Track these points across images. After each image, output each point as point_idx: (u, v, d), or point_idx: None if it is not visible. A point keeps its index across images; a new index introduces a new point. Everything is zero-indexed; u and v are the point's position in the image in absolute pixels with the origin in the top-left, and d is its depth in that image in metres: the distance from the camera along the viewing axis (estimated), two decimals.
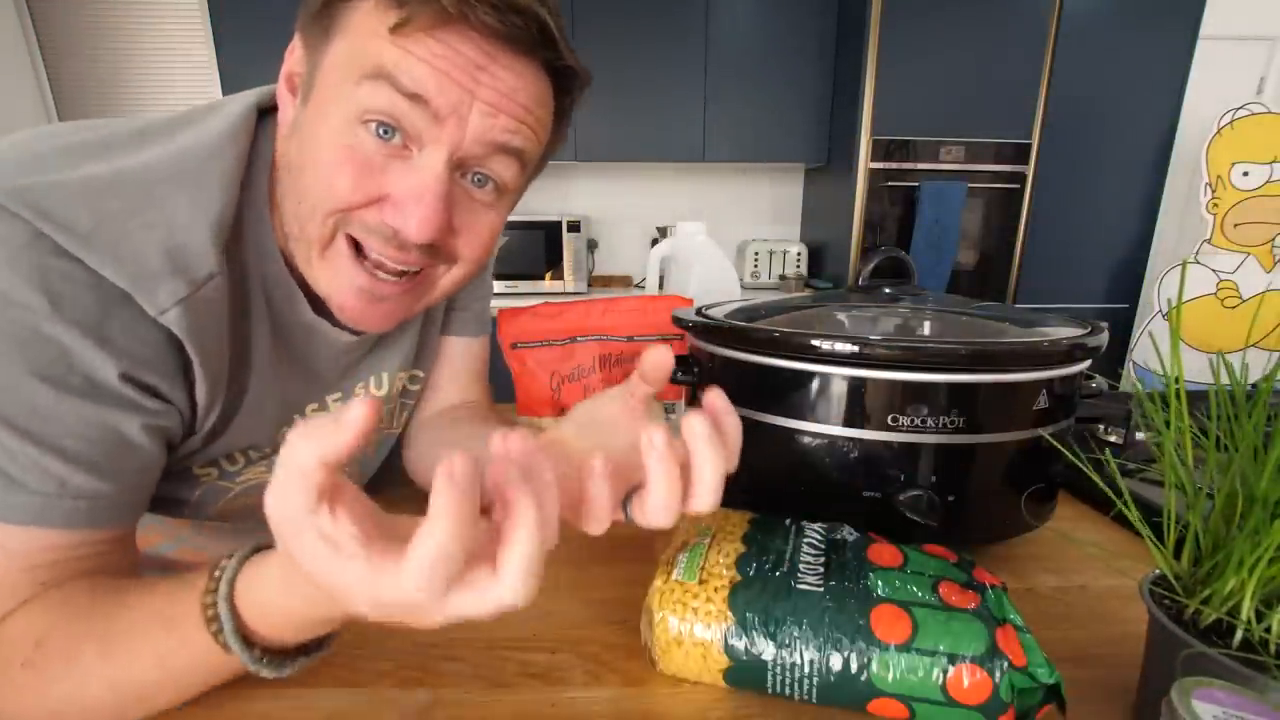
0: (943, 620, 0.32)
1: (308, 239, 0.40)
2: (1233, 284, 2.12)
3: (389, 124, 0.37)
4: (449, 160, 0.38)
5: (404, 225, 0.38)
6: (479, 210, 0.42)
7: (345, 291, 0.42)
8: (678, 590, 0.35)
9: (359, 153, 0.37)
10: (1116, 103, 2.17)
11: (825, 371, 0.44)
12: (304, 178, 0.39)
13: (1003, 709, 0.30)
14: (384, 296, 0.42)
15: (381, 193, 0.38)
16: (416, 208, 0.38)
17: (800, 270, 2.57)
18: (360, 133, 0.37)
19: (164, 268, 0.36)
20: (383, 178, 0.38)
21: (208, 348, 0.39)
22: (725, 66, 2.34)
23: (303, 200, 0.39)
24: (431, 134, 0.37)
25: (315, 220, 0.39)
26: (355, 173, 0.37)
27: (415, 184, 0.38)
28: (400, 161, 0.38)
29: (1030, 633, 0.32)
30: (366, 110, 0.36)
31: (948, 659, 0.30)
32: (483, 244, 0.44)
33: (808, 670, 0.32)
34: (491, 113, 0.38)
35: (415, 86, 0.36)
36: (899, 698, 0.31)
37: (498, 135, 0.39)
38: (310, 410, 0.51)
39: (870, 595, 0.33)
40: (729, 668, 0.34)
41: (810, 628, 0.32)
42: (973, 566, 0.37)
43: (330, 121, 0.37)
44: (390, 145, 0.37)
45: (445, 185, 0.38)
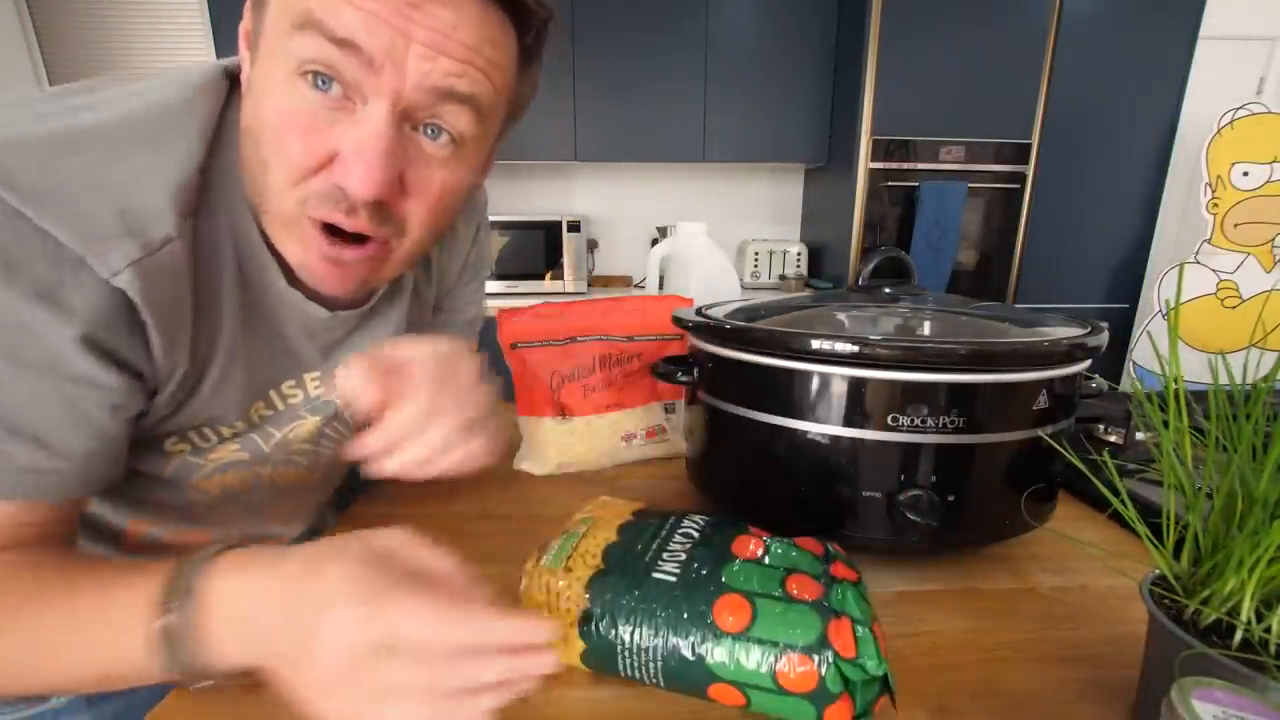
0: (780, 611, 0.33)
1: (277, 214, 0.39)
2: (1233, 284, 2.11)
3: (324, 73, 0.35)
4: (392, 111, 0.36)
5: (348, 182, 0.36)
6: (433, 166, 0.40)
7: (314, 258, 0.40)
8: (544, 575, 0.37)
9: (303, 110, 0.35)
10: (1116, 103, 2.17)
11: (825, 371, 0.44)
12: (261, 146, 0.37)
13: (830, 699, 0.31)
14: (341, 260, 0.41)
15: (330, 150, 0.36)
16: (359, 163, 0.36)
17: (800, 270, 2.57)
18: (300, 87, 0.35)
19: (117, 229, 0.35)
20: (330, 134, 0.36)
21: (164, 312, 0.37)
22: (725, 67, 2.34)
23: (264, 169, 0.38)
24: (370, 84, 0.35)
25: (279, 194, 0.38)
26: (303, 132, 0.36)
27: (358, 138, 0.36)
28: (345, 115, 0.36)
29: (869, 625, 0.32)
30: (301, 62, 0.35)
31: (779, 649, 0.31)
32: (438, 202, 0.41)
33: (653, 655, 0.34)
34: (430, 54, 0.35)
35: (344, 31, 0.34)
36: (734, 684, 0.32)
37: (440, 79, 0.36)
38: (287, 387, 0.49)
39: (720, 585, 0.35)
40: (584, 650, 0.35)
41: (659, 615, 0.34)
42: (834, 561, 0.38)
43: (273, 78, 0.36)
44: (331, 98, 0.35)
45: (389, 138, 0.36)
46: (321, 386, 0.51)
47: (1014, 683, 0.37)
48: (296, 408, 0.50)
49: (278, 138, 0.36)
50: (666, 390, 0.74)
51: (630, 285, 2.71)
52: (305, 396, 0.51)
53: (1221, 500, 0.31)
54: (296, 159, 0.36)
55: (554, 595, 0.36)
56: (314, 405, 0.52)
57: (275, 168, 0.37)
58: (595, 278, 2.65)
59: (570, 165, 2.65)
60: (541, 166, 2.68)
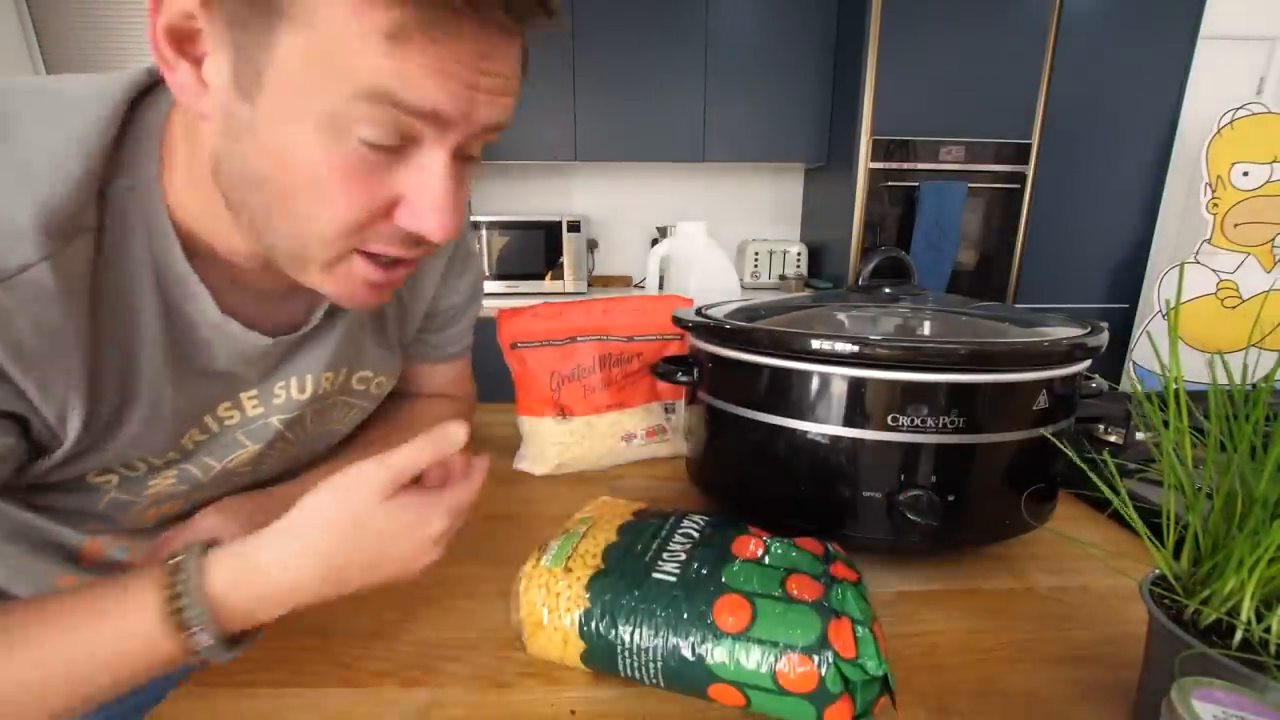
0: (780, 612, 0.33)
1: (310, 259, 0.37)
2: (1233, 284, 2.12)
3: (389, 143, 0.33)
4: (453, 156, 0.35)
5: (425, 230, 0.36)
6: (466, 184, 0.39)
7: (357, 287, 0.39)
8: (544, 575, 0.37)
9: (358, 163, 0.33)
10: (1116, 103, 2.16)
11: (825, 371, 0.44)
12: (297, 200, 0.34)
13: (830, 699, 0.31)
14: (391, 283, 0.41)
15: (392, 197, 0.35)
16: (438, 216, 0.35)
17: (800, 270, 2.57)
18: (350, 143, 0.32)
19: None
20: (389, 181, 0.35)
21: (24, 348, 0.33)
22: (725, 66, 2.34)
23: (305, 224, 0.35)
24: (434, 136, 0.34)
25: (325, 243, 0.36)
26: (365, 184, 0.34)
27: (429, 188, 0.35)
28: (401, 161, 0.34)
29: (869, 626, 0.32)
30: (362, 125, 0.32)
31: (779, 649, 0.31)
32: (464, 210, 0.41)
33: (653, 655, 0.34)
34: (492, 101, 0.35)
35: (427, 105, 0.32)
36: (734, 684, 0.32)
37: (496, 119, 0.36)
38: (223, 409, 0.46)
39: (720, 585, 0.35)
40: (584, 651, 0.35)
41: (659, 615, 0.34)
42: (834, 561, 0.38)
43: (308, 131, 0.32)
44: (390, 151, 0.34)
45: (456, 183, 0.36)
46: (261, 407, 0.49)
47: (1014, 683, 0.37)
48: (233, 429, 0.47)
49: (329, 194, 0.34)
50: (667, 390, 0.74)
51: (630, 285, 2.71)
52: (243, 417, 0.48)
53: (1221, 500, 0.31)
54: (356, 213, 0.35)
55: (554, 595, 0.36)
56: (251, 430, 0.49)
57: (327, 220, 0.35)
58: (595, 278, 2.65)
59: (570, 165, 2.65)
60: (541, 166, 2.68)
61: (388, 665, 0.38)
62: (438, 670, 0.38)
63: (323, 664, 0.38)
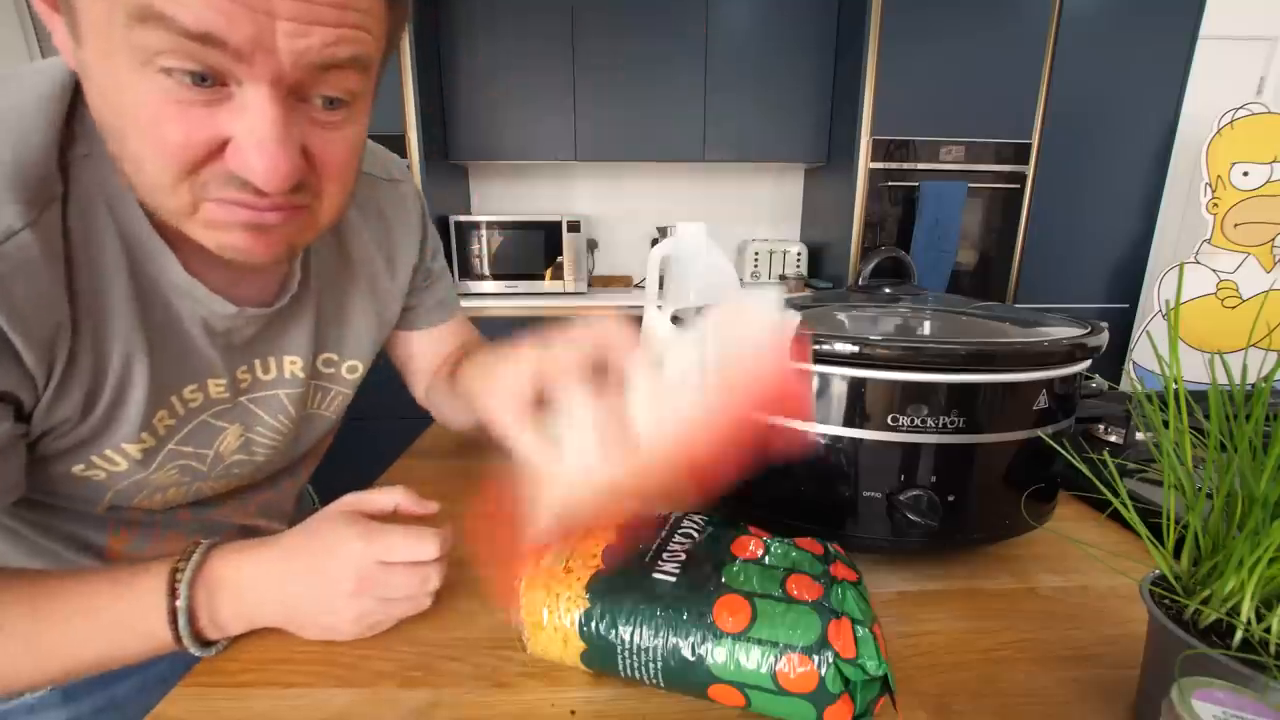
0: (780, 612, 0.33)
1: (169, 210, 0.35)
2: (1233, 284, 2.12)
3: (195, 71, 0.30)
4: (274, 94, 0.32)
5: (252, 175, 0.33)
6: (331, 132, 0.36)
7: (236, 236, 0.36)
8: (545, 576, 0.37)
9: (171, 100, 0.31)
10: (1116, 103, 2.16)
11: (825, 371, 0.44)
12: (127, 140, 0.33)
13: (830, 699, 0.31)
14: (268, 226, 0.37)
15: (218, 137, 0.33)
16: (259, 156, 0.32)
17: (800, 270, 2.57)
18: (163, 81, 0.30)
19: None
20: (214, 121, 0.32)
21: (21, 310, 0.33)
22: (725, 66, 2.34)
23: (140, 168, 0.34)
24: (242, 71, 0.31)
25: (165, 189, 0.34)
26: (179, 121, 0.31)
27: (248, 127, 0.32)
28: (223, 99, 0.32)
29: (869, 626, 0.32)
30: (151, 55, 0.30)
31: (779, 649, 0.31)
32: (347, 163, 0.39)
33: (653, 655, 0.34)
34: (301, 30, 0.31)
35: (198, 25, 0.29)
36: (735, 685, 0.32)
37: (317, 55, 0.32)
38: (189, 392, 0.45)
39: (720, 585, 0.35)
40: (584, 651, 0.35)
41: (659, 615, 0.34)
42: (834, 561, 0.37)
43: (117, 67, 0.30)
44: (209, 90, 0.31)
45: (282, 125, 0.33)
46: (227, 391, 0.48)
47: (1014, 683, 0.37)
48: (197, 411, 0.47)
49: (149, 132, 0.32)
50: None
51: (630, 285, 2.71)
52: (205, 399, 0.47)
53: (1221, 500, 0.31)
54: (179, 153, 0.32)
55: (554, 596, 0.36)
56: (221, 411, 0.49)
57: (154, 164, 0.33)
58: (595, 278, 2.65)
59: (570, 165, 2.65)
60: (541, 166, 2.68)
61: (388, 665, 0.38)
62: (438, 670, 0.38)
63: (323, 664, 0.38)
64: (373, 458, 0.75)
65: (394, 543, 0.40)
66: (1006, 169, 2.18)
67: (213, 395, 0.48)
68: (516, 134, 2.37)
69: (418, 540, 0.41)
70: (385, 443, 0.92)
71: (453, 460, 0.72)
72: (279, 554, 0.41)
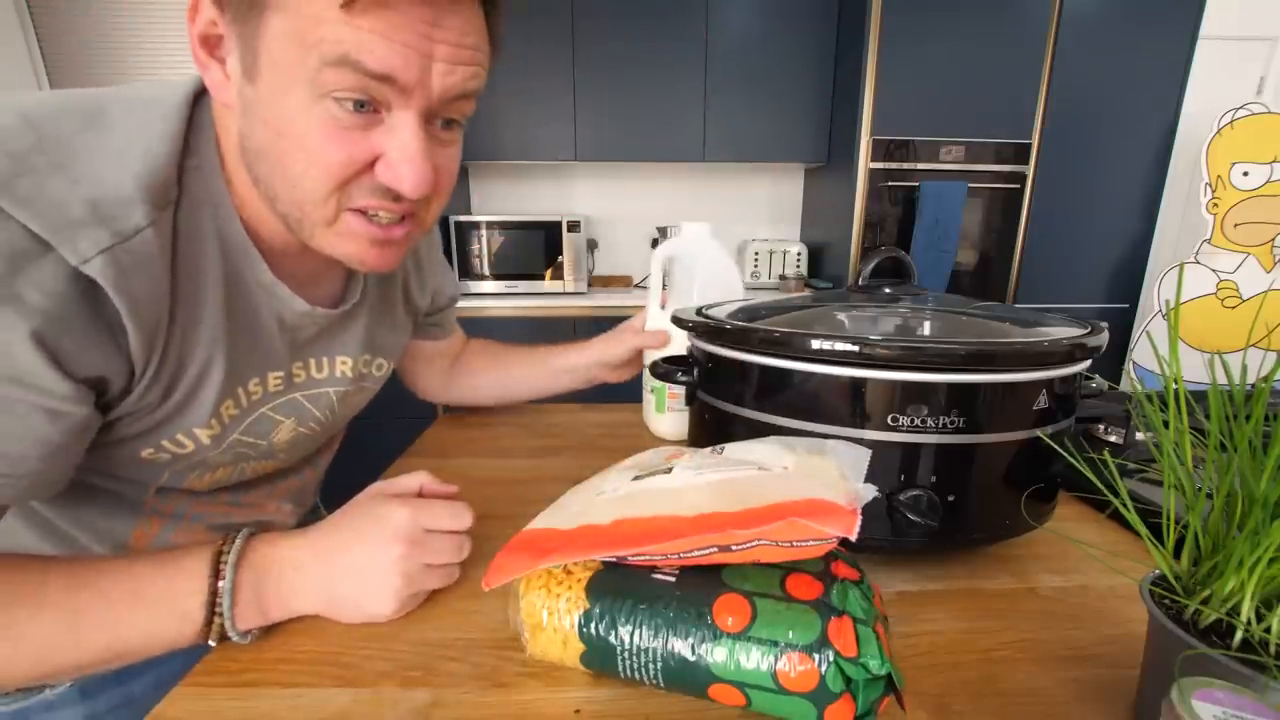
0: (780, 611, 0.33)
1: (311, 221, 0.42)
2: (1233, 284, 2.12)
3: (360, 99, 0.37)
4: (420, 119, 0.40)
5: (399, 185, 0.40)
6: (449, 149, 0.44)
7: (362, 246, 0.43)
8: (544, 577, 0.37)
9: (338, 123, 0.38)
10: (1116, 103, 2.16)
11: (825, 372, 0.44)
12: (290, 162, 0.39)
13: (831, 698, 0.31)
14: (391, 240, 0.44)
15: (370, 155, 0.40)
16: (409, 170, 0.40)
17: (800, 270, 2.57)
18: (330, 107, 0.37)
19: (87, 218, 0.35)
20: (366, 142, 0.39)
21: (138, 300, 0.37)
22: (725, 66, 2.34)
23: (297, 184, 0.40)
24: (399, 100, 0.38)
25: (317, 202, 0.40)
26: (343, 142, 0.38)
27: (400, 145, 0.39)
28: (375, 123, 0.39)
29: (871, 625, 0.32)
30: (333, 90, 0.37)
31: (779, 648, 0.31)
32: (454, 177, 0.46)
33: (653, 656, 0.34)
34: (450, 69, 0.39)
35: (381, 68, 0.36)
36: (735, 684, 0.32)
37: (458, 86, 0.40)
38: (253, 384, 0.50)
39: (719, 585, 0.34)
40: (584, 652, 0.35)
41: (659, 615, 0.34)
42: (835, 559, 0.37)
43: (293, 101, 0.37)
44: (366, 115, 0.38)
45: (425, 142, 0.40)
46: (282, 384, 0.53)
47: (1014, 683, 0.37)
48: (258, 404, 0.51)
49: (316, 153, 0.38)
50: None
51: (630, 285, 2.71)
52: (264, 393, 0.51)
53: (1221, 500, 0.31)
54: (338, 169, 0.39)
55: (554, 597, 0.36)
56: (279, 404, 0.53)
57: (313, 179, 0.39)
58: (595, 278, 2.65)
59: (570, 165, 2.65)
60: (541, 166, 2.68)
61: (388, 665, 0.38)
62: (438, 670, 0.38)
63: (323, 664, 0.38)
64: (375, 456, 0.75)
65: (437, 510, 0.44)
66: (1006, 169, 2.18)
67: (270, 389, 0.52)
68: (517, 134, 2.38)
69: (456, 509, 0.45)
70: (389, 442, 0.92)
71: (453, 460, 0.73)
72: (323, 532, 0.43)
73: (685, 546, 0.33)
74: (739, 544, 0.33)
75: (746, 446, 0.42)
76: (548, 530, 0.38)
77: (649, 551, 0.34)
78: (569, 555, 0.36)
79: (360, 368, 0.60)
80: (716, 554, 0.33)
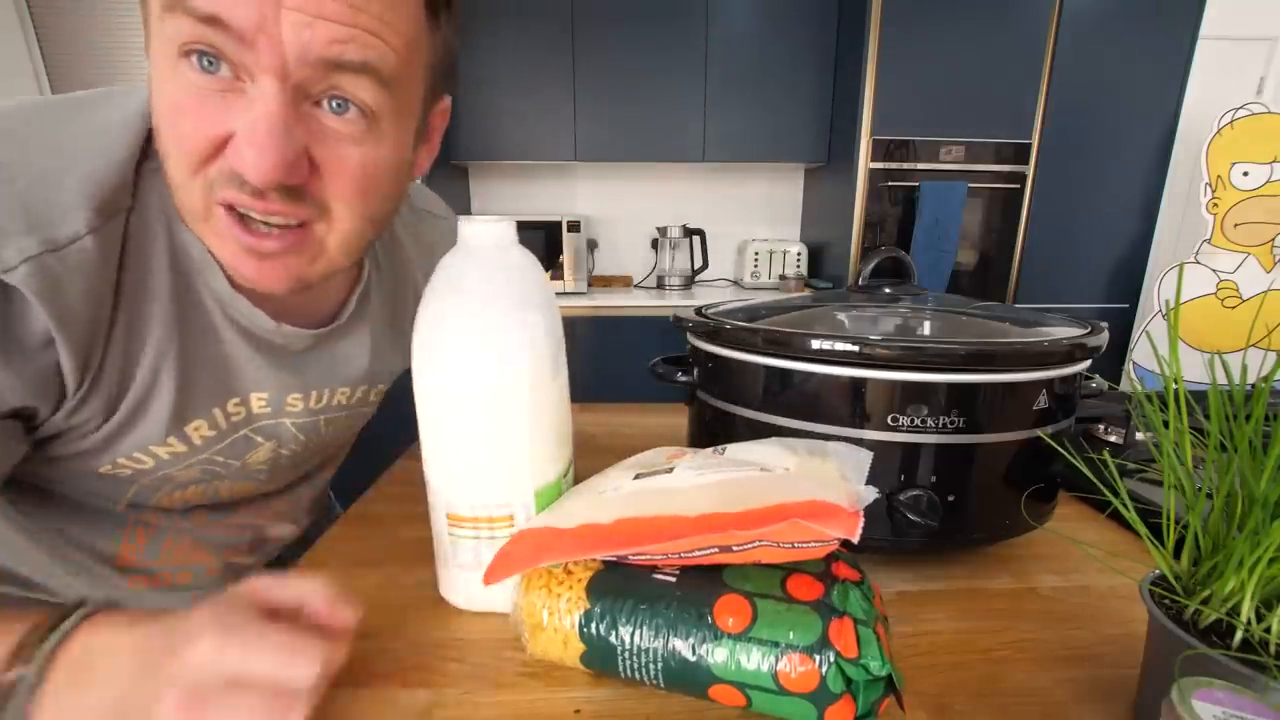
0: (781, 611, 0.33)
1: (187, 211, 0.37)
2: (1233, 284, 2.12)
3: (206, 53, 0.32)
4: (281, 87, 0.33)
5: (242, 165, 0.34)
6: (345, 143, 0.36)
7: (234, 252, 0.38)
8: (544, 577, 0.37)
9: (190, 93, 0.33)
10: (1116, 103, 2.16)
11: (825, 372, 0.44)
12: (161, 137, 0.35)
13: (831, 699, 0.31)
14: (268, 252, 0.38)
15: (224, 132, 0.34)
16: (250, 145, 0.33)
17: (800, 270, 2.57)
18: (185, 70, 0.33)
19: (17, 224, 0.33)
20: (222, 115, 0.34)
21: (70, 311, 0.35)
22: (725, 67, 2.34)
23: (168, 161, 0.36)
24: (250, 59, 0.32)
25: (181, 185, 0.36)
26: (192, 115, 0.33)
27: (249, 117, 0.33)
28: (236, 96, 0.33)
29: (872, 626, 0.32)
30: (178, 44, 0.32)
31: (780, 649, 0.31)
32: (358, 181, 0.38)
33: (653, 656, 0.34)
34: (306, 20, 0.32)
35: (206, 5, 0.31)
36: (735, 685, 0.32)
37: (324, 49, 0.33)
38: (232, 405, 0.46)
39: (720, 585, 0.34)
40: (584, 652, 0.35)
41: (659, 615, 0.34)
42: (836, 560, 0.37)
43: (159, 67, 0.33)
44: (219, 79, 0.33)
45: (281, 117, 0.33)
46: (269, 407, 0.49)
47: (1014, 683, 0.37)
48: (239, 425, 0.48)
49: (170, 124, 0.34)
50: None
51: (630, 285, 2.71)
52: (248, 414, 0.48)
53: (1221, 500, 0.31)
54: (190, 144, 0.34)
55: (554, 597, 0.36)
56: (261, 427, 0.49)
57: (173, 156, 0.35)
58: (595, 278, 2.65)
59: (570, 165, 2.65)
60: (541, 166, 2.68)
61: (387, 665, 0.38)
62: (438, 670, 0.38)
63: None
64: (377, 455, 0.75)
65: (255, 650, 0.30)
66: (1006, 169, 2.18)
67: (255, 410, 0.48)
68: (517, 134, 2.38)
69: (291, 655, 0.30)
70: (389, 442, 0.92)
71: None
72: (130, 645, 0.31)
73: (686, 546, 0.33)
74: (740, 544, 0.33)
75: (748, 447, 0.42)
76: (548, 529, 0.38)
77: (650, 551, 0.34)
78: (569, 554, 0.36)
79: (357, 394, 0.56)
80: (717, 554, 0.33)
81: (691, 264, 2.62)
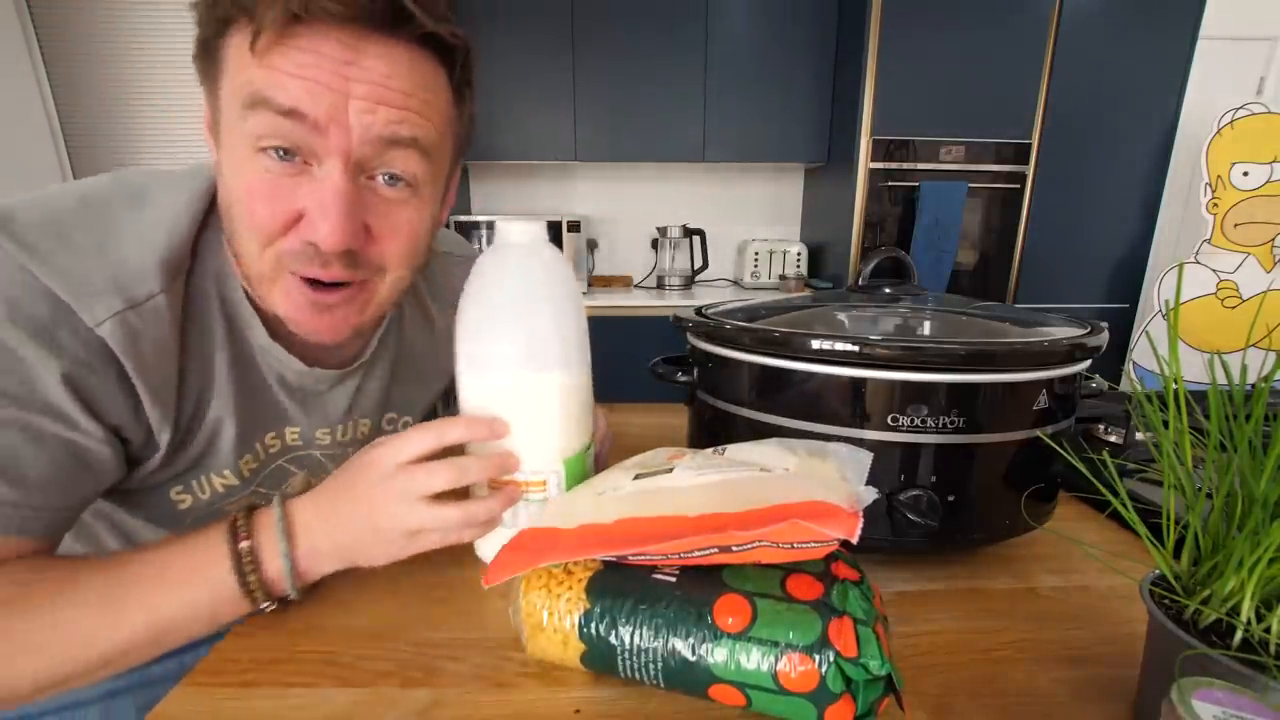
0: (781, 611, 0.33)
1: (257, 277, 0.43)
2: (1233, 284, 2.11)
3: (282, 146, 0.38)
4: (345, 167, 0.39)
5: (317, 238, 0.40)
6: (394, 209, 0.43)
7: (299, 306, 0.43)
8: (544, 577, 0.37)
9: (266, 179, 0.39)
10: (1116, 103, 2.16)
11: (825, 372, 0.44)
12: (234, 218, 0.41)
13: (831, 698, 0.31)
14: (329, 306, 0.44)
15: (295, 211, 0.40)
16: (324, 220, 0.39)
17: (800, 270, 2.57)
18: (262, 160, 0.39)
19: (105, 286, 0.39)
20: (293, 197, 0.40)
21: (147, 360, 0.41)
22: (725, 66, 2.34)
23: (240, 238, 0.41)
24: (321, 145, 0.38)
25: (253, 257, 0.42)
26: (268, 197, 0.39)
27: (320, 196, 0.39)
28: (305, 178, 0.40)
29: (872, 625, 0.32)
30: (257, 138, 0.38)
31: (779, 648, 0.31)
32: (407, 242, 0.45)
33: (653, 656, 0.34)
34: (369, 108, 0.39)
35: (289, 102, 0.37)
36: (735, 684, 0.32)
37: (382, 129, 0.39)
38: (269, 439, 0.53)
39: (719, 585, 0.34)
40: (584, 652, 0.35)
41: (659, 616, 0.34)
42: (835, 560, 0.37)
43: (235, 157, 0.39)
44: (293, 165, 0.39)
45: (347, 194, 0.39)
46: (300, 439, 0.55)
47: (1014, 683, 0.37)
48: (275, 456, 0.54)
49: (247, 208, 0.40)
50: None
51: (630, 285, 2.71)
52: (283, 446, 0.54)
53: (1221, 500, 0.31)
54: (265, 223, 0.40)
55: (554, 597, 0.36)
56: (295, 458, 0.55)
57: (248, 234, 0.41)
58: (595, 278, 2.65)
59: (570, 165, 2.65)
60: (542, 166, 2.68)
61: (388, 665, 0.38)
62: (438, 670, 0.38)
63: (323, 664, 0.38)
64: None
65: (410, 437, 0.41)
66: (1006, 169, 2.18)
67: (289, 442, 0.54)
68: (517, 134, 2.37)
69: (439, 428, 0.41)
70: None
71: None
72: (322, 491, 0.42)
73: (686, 546, 0.33)
74: (740, 545, 0.33)
75: (748, 447, 0.42)
76: (548, 529, 0.38)
77: (649, 551, 0.34)
78: (569, 554, 0.36)
79: (383, 424, 0.61)
80: (717, 554, 0.33)
81: (691, 264, 2.62)
